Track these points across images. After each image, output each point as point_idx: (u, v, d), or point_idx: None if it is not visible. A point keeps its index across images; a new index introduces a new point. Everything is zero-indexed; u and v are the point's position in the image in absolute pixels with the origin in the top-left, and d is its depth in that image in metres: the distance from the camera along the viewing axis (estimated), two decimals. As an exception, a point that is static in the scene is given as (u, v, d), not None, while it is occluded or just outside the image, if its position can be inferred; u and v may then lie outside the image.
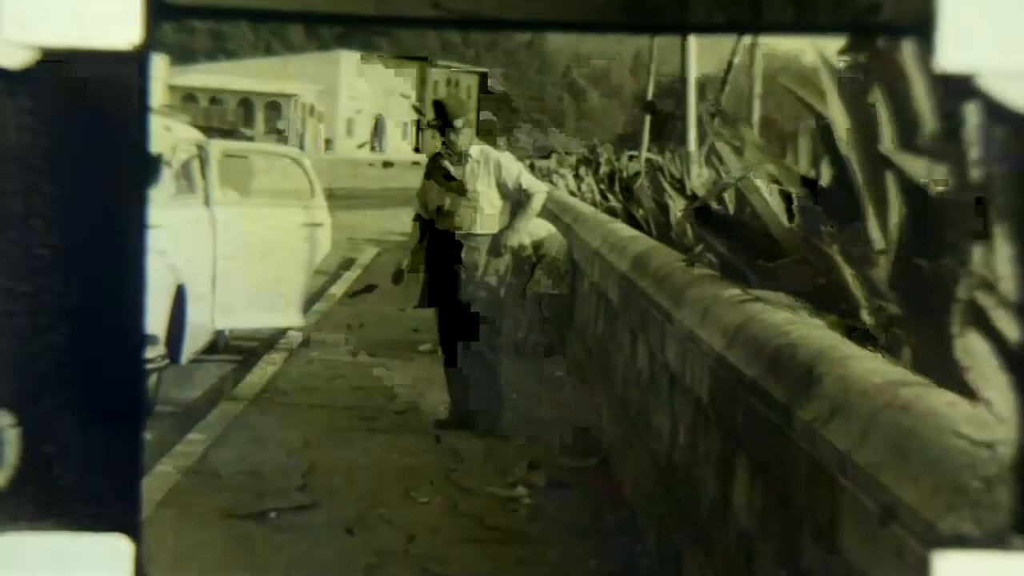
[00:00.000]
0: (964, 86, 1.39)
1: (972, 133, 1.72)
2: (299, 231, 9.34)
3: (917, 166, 3.30)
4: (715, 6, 1.37)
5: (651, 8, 1.36)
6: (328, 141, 59.47)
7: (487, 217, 7.21)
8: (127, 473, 1.44)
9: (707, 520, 3.95)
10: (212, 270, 8.45)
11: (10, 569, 1.37)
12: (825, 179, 4.12)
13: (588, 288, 8.72)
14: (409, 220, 7.71)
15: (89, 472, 1.39)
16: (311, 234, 9.46)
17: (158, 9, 1.34)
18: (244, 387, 8.12)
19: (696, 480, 4.19)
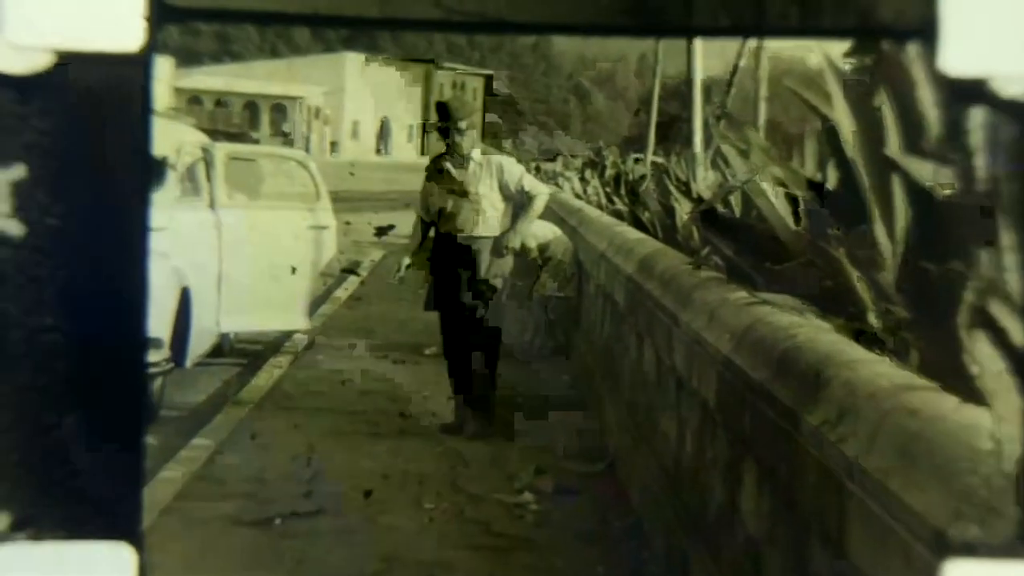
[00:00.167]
0: (969, 89, 1.38)
1: (978, 137, 1.71)
2: (305, 234, 9.33)
3: (923, 169, 3.28)
4: (719, 8, 1.36)
5: (655, 10, 1.35)
6: (334, 144, 59.50)
7: (489, 219, 7.19)
8: (129, 479, 1.43)
9: (714, 525, 3.93)
10: (217, 273, 8.44)
11: None
12: (831, 182, 4.10)
13: (594, 291, 8.71)
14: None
15: (90, 478, 1.39)
16: (317, 236, 9.46)
17: (162, 11, 1.33)
18: (249, 391, 8.12)
19: (703, 485, 4.17)
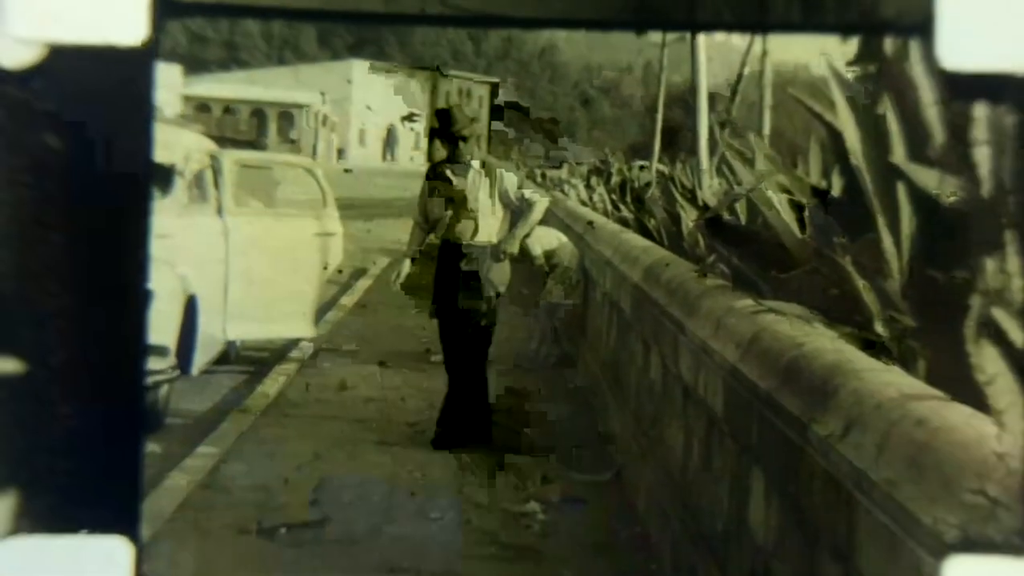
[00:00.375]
0: (967, 83, 1.37)
1: (980, 131, 1.70)
2: (312, 241, 9.33)
3: (928, 177, 3.28)
4: (722, 5, 1.36)
5: (659, 7, 1.35)
6: (340, 151, 59.54)
7: (487, 227, 7.16)
8: (127, 475, 1.43)
9: (722, 536, 3.91)
10: (224, 280, 8.43)
11: (12, 572, 1.36)
12: (836, 190, 4.09)
13: (600, 298, 8.69)
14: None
15: (90, 474, 1.39)
16: (323, 244, 9.45)
17: (164, 6, 1.33)
18: (255, 399, 8.11)
19: (711, 495, 4.15)
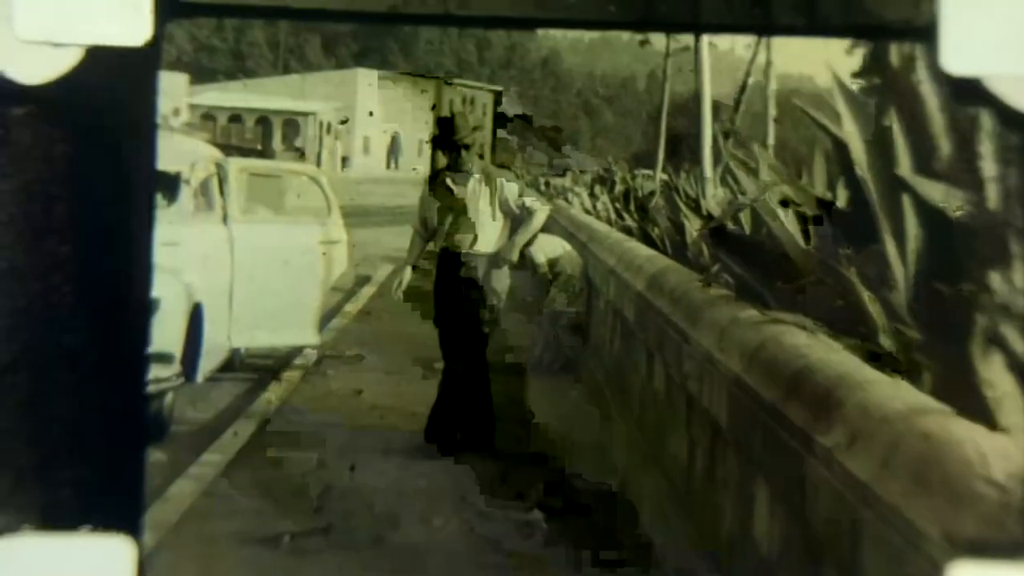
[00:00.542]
0: (972, 89, 1.38)
1: (985, 138, 1.70)
2: (316, 248, 9.34)
3: (934, 190, 3.28)
4: (725, 7, 1.37)
5: (663, 7, 1.36)
6: (345, 159, 59.54)
7: (487, 236, 7.16)
8: (129, 474, 1.43)
9: (726, 547, 3.91)
10: (229, 288, 8.45)
11: (12, 570, 1.37)
12: (841, 201, 4.10)
13: (604, 307, 8.69)
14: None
15: (91, 473, 1.39)
16: (328, 251, 9.47)
17: (167, 6, 1.34)
18: (260, 405, 8.12)
19: (714, 505, 4.15)
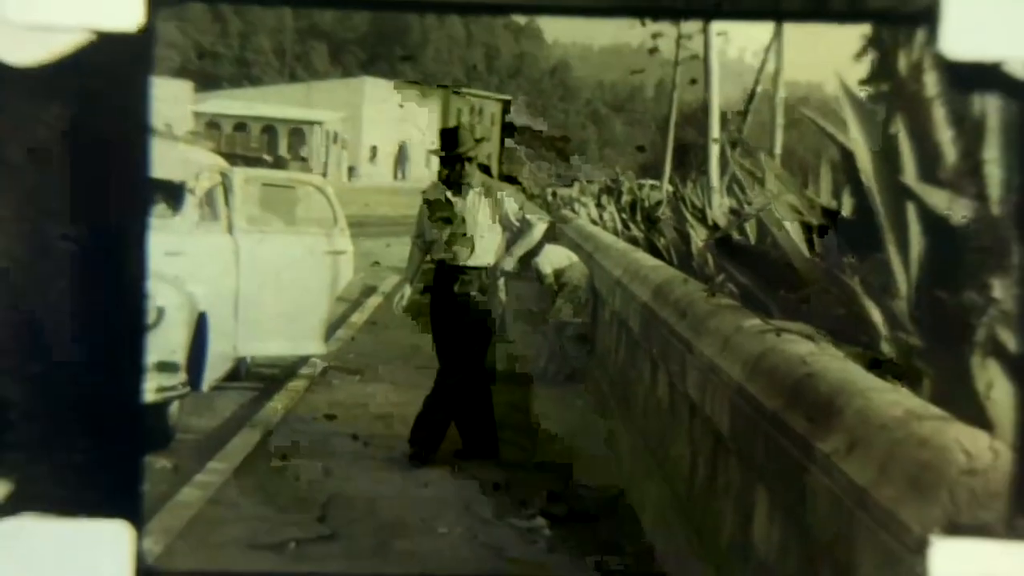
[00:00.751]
0: (972, 72, 1.38)
1: (991, 150, 1.70)
2: (322, 258, 9.35)
3: (939, 198, 3.29)
4: None
5: None
6: (351, 168, 59.55)
7: (485, 249, 7.14)
8: (128, 460, 1.44)
9: (727, 553, 3.92)
10: (235, 298, 8.46)
11: (15, 552, 1.38)
12: (847, 210, 4.11)
13: (609, 317, 8.70)
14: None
15: (91, 459, 1.40)
16: (334, 261, 9.48)
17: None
18: (265, 415, 8.12)
19: (716, 512, 4.16)
